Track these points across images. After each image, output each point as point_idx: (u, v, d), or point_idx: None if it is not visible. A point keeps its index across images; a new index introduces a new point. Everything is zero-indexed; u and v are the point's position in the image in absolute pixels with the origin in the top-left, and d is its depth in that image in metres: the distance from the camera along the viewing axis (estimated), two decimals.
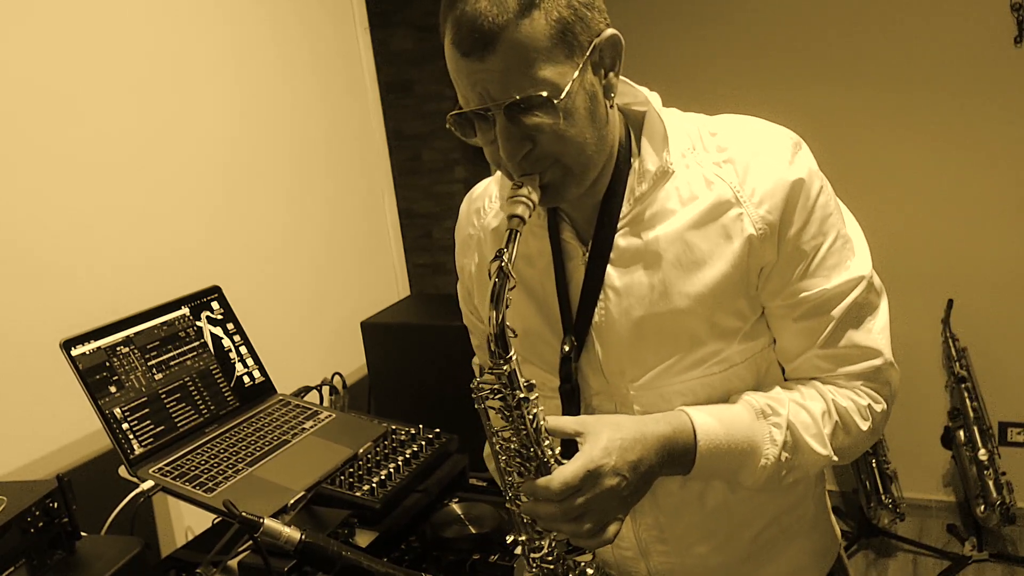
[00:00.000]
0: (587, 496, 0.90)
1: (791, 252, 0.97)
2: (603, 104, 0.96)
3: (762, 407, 1.00)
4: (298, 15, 2.10)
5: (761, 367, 1.05)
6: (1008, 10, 2.76)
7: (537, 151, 0.93)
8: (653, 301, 1.00)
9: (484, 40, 0.87)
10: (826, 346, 1.01)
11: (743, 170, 0.97)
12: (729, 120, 1.03)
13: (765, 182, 0.96)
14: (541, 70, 0.88)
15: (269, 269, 1.97)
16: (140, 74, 1.66)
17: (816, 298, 0.99)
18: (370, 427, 1.42)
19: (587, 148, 0.95)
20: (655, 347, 1.02)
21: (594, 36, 0.91)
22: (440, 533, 1.38)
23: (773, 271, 0.99)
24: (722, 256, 0.98)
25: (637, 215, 1.01)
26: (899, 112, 2.93)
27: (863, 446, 1.06)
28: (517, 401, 0.93)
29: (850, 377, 1.03)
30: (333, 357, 2.00)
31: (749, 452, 0.99)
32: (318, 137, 2.16)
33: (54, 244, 1.49)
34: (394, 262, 2.45)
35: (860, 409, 1.03)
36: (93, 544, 1.06)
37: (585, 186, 0.99)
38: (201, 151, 1.79)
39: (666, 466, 0.97)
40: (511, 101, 0.89)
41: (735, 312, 1.00)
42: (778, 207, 0.96)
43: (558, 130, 0.91)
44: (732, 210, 0.97)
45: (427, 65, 3.90)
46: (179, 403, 1.34)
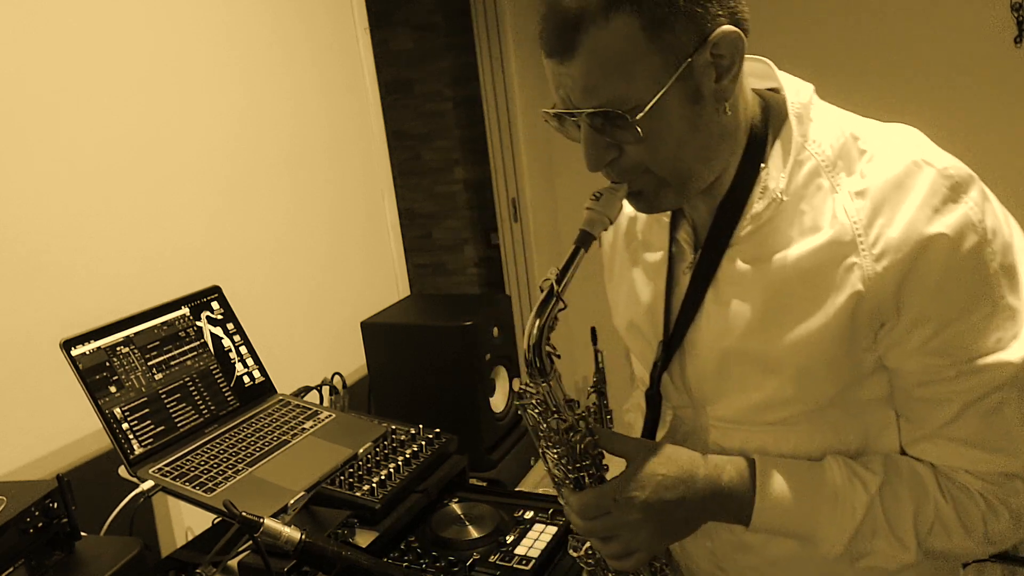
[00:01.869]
0: (613, 522, 0.88)
1: (920, 315, 0.82)
2: (713, 110, 0.84)
3: (846, 478, 0.88)
4: (298, 15, 2.10)
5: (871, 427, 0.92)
6: (1008, 10, 2.76)
7: (623, 161, 0.85)
8: (743, 335, 0.90)
9: (566, 42, 0.79)
10: (946, 430, 0.86)
11: (874, 210, 0.82)
12: (889, 137, 0.87)
13: (894, 231, 0.81)
14: (625, 79, 0.79)
15: (269, 269, 1.97)
16: (140, 74, 1.66)
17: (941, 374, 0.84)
18: (370, 427, 1.42)
19: (684, 160, 0.85)
20: (738, 382, 0.93)
21: (705, 34, 0.79)
22: (440, 533, 1.38)
23: (896, 330, 0.84)
24: (823, 307, 0.85)
25: (753, 235, 0.89)
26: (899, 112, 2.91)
27: (970, 555, 0.90)
28: (555, 423, 0.89)
29: (974, 478, 0.87)
30: (333, 357, 2.00)
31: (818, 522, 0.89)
32: (318, 137, 2.16)
33: (54, 244, 1.49)
34: (394, 262, 2.45)
35: (970, 518, 0.87)
36: (93, 544, 1.06)
37: (688, 197, 0.90)
38: (201, 151, 1.79)
39: (717, 515, 0.90)
40: (589, 111, 0.81)
41: (828, 364, 0.87)
42: (901, 266, 0.80)
43: (644, 143, 0.82)
44: (848, 258, 0.83)
45: (427, 65, 3.90)
46: (179, 403, 1.34)
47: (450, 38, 3.81)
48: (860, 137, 0.87)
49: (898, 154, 0.84)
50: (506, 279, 3.72)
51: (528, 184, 3.56)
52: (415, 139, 4.03)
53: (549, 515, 1.41)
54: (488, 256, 4.05)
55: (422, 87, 3.94)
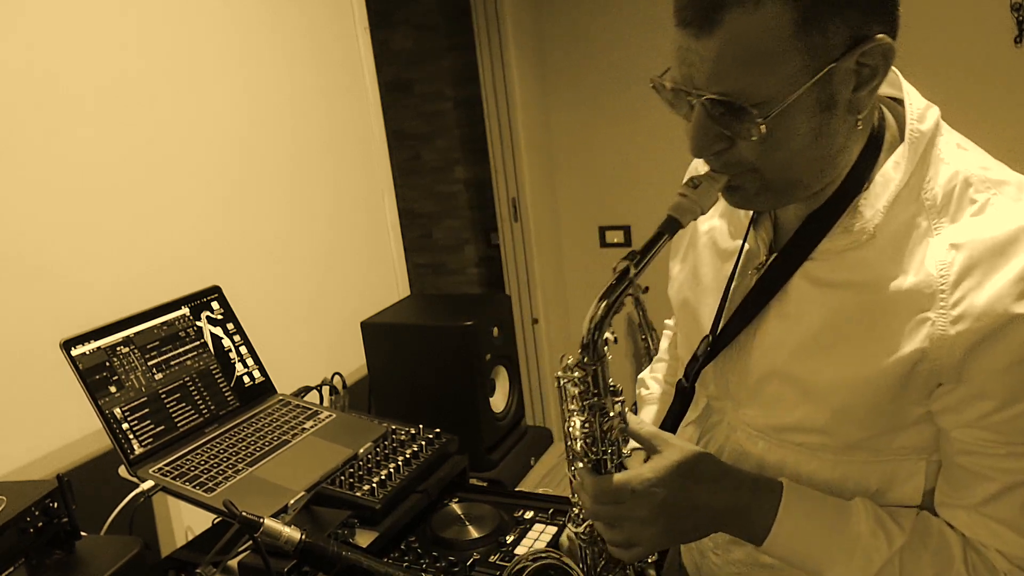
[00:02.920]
0: (624, 512, 0.86)
1: (979, 388, 0.78)
2: (843, 121, 0.79)
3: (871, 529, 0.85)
4: (298, 15, 2.10)
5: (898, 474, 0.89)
6: (1008, 10, 2.76)
7: (731, 155, 0.80)
8: (792, 358, 0.88)
9: (704, 17, 0.73)
10: (984, 506, 0.83)
11: (965, 268, 0.77)
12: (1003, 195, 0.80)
13: (979, 298, 0.76)
14: (760, 72, 0.73)
15: (269, 269, 1.97)
16: (139, 74, 1.66)
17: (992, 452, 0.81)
18: (370, 427, 1.42)
19: (795, 168, 0.80)
20: (774, 399, 0.91)
21: (856, 40, 0.74)
22: (440, 533, 1.38)
23: (952, 394, 0.81)
24: (881, 355, 0.81)
25: (832, 256, 0.85)
26: None
27: None
28: (595, 404, 0.88)
29: (1003, 557, 0.84)
30: (333, 357, 2.00)
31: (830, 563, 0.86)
32: (318, 137, 2.16)
33: (54, 244, 1.49)
34: (394, 262, 2.45)
35: None
36: (93, 544, 1.06)
37: (784, 204, 0.86)
38: (201, 151, 1.79)
39: (731, 526, 0.89)
40: (711, 97, 0.75)
41: (870, 408, 0.84)
42: (976, 335, 0.76)
43: (761, 142, 0.77)
44: (924, 311, 0.78)
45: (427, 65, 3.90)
46: (179, 403, 1.34)
47: (450, 38, 3.81)
48: (974, 184, 0.81)
49: (1009, 214, 0.78)
50: (506, 279, 3.72)
51: (528, 184, 3.56)
52: (415, 139, 4.03)
53: (549, 515, 1.41)
54: (488, 256, 4.05)
55: (422, 87, 3.94)
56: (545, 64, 3.60)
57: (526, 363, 3.67)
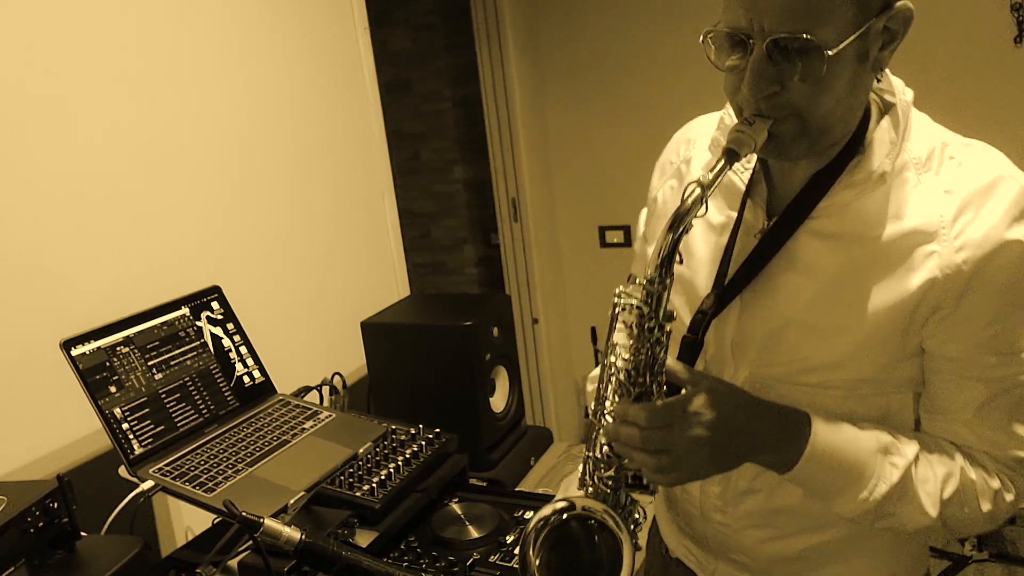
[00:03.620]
0: (673, 435, 0.89)
1: (978, 311, 0.90)
2: (869, 78, 0.91)
3: (887, 443, 0.95)
4: (298, 15, 2.10)
5: (892, 406, 1.00)
6: (1008, 10, 2.77)
7: (783, 97, 0.88)
8: (809, 307, 0.96)
9: None
10: (977, 418, 0.95)
11: (960, 208, 0.90)
12: (977, 149, 0.95)
13: (976, 229, 0.88)
14: (823, 17, 0.83)
15: (269, 269, 1.97)
16: (140, 75, 1.66)
17: (981, 365, 0.92)
18: (370, 427, 1.42)
19: (833, 114, 0.90)
20: (789, 347, 0.99)
21: (889, 3, 0.86)
22: (440, 533, 1.38)
23: (950, 320, 0.91)
24: (895, 288, 0.92)
25: (835, 212, 0.95)
26: None
27: (976, 527, 0.98)
28: (653, 325, 0.91)
29: (991, 459, 0.96)
30: (333, 357, 2.00)
31: (856, 480, 0.95)
32: (318, 137, 2.16)
33: (54, 244, 1.49)
34: (394, 262, 2.45)
35: (989, 490, 0.95)
36: (93, 544, 1.06)
37: (811, 152, 0.94)
38: (201, 151, 1.79)
39: (765, 453, 0.95)
40: (780, 36, 0.84)
41: (881, 345, 0.95)
42: (977, 261, 0.88)
43: (813, 84, 0.86)
44: (927, 245, 0.90)
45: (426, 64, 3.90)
46: (179, 403, 1.34)
47: (449, 38, 3.82)
48: (949, 145, 0.94)
49: (986, 165, 0.92)
50: (506, 279, 3.72)
51: (528, 184, 3.56)
52: (414, 139, 4.03)
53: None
54: (488, 256, 4.05)
55: (421, 87, 3.94)
56: (545, 64, 3.60)
57: (526, 363, 3.67)
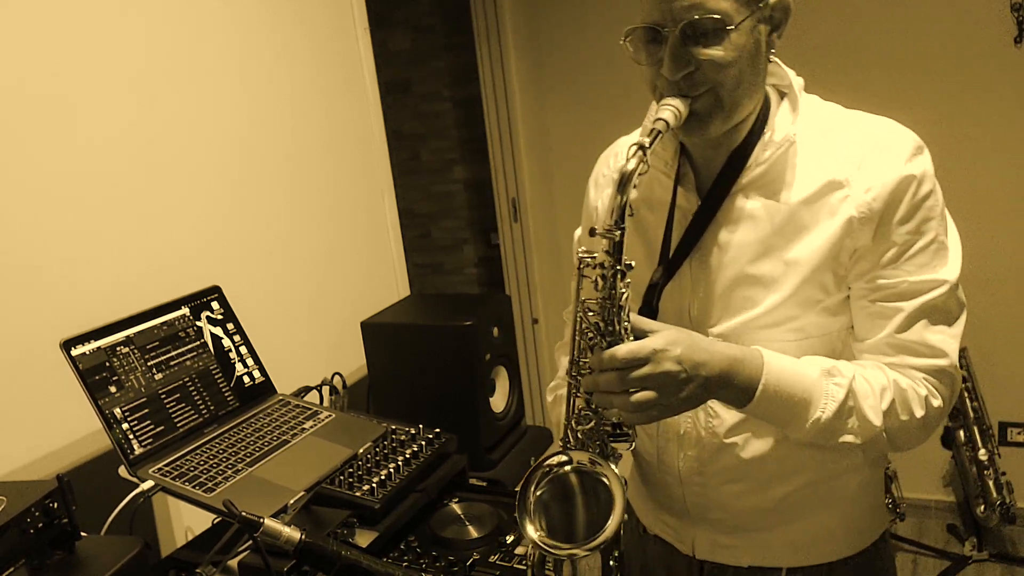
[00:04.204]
0: (647, 371, 0.97)
1: (885, 239, 1.05)
2: (764, 56, 1.06)
3: (828, 367, 1.06)
4: (298, 15, 2.10)
5: (836, 347, 1.12)
6: (1008, 10, 2.77)
7: (698, 75, 1.02)
8: (749, 261, 1.10)
9: None
10: (897, 333, 1.07)
11: (861, 159, 1.06)
12: (862, 115, 1.12)
13: (878, 171, 1.04)
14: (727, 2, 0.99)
15: (269, 269, 1.97)
16: (139, 75, 1.66)
17: (897, 286, 1.06)
18: (370, 427, 1.42)
19: (742, 86, 1.04)
20: (740, 301, 1.11)
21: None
22: (440, 533, 1.38)
23: (865, 253, 1.06)
24: (821, 232, 1.07)
25: (756, 179, 1.10)
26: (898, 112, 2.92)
27: (915, 436, 1.10)
28: (615, 272, 1.00)
29: (915, 370, 1.08)
30: (333, 357, 2.00)
31: (807, 403, 1.04)
32: (318, 137, 2.16)
33: (54, 244, 1.49)
34: (394, 262, 2.45)
35: (919, 396, 1.07)
36: (93, 544, 1.06)
37: (728, 125, 1.08)
38: (201, 151, 1.79)
39: (726, 387, 1.03)
40: (690, 20, 0.99)
41: (819, 285, 1.08)
42: (883, 196, 1.04)
43: (721, 59, 1.01)
44: (841, 191, 1.06)
45: (426, 65, 3.90)
46: (179, 403, 1.34)
47: (449, 38, 3.81)
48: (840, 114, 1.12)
49: (874, 123, 1.10)
50: (506, 279, 3.72)
51: (528, 184, 3.56)
52: (414, 139, 4.03)
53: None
54: (488, 256, 4.05)
55: (421, 87, 3.94)
56: (544, 64, 3.60)
57: (526, 363, 3.67)
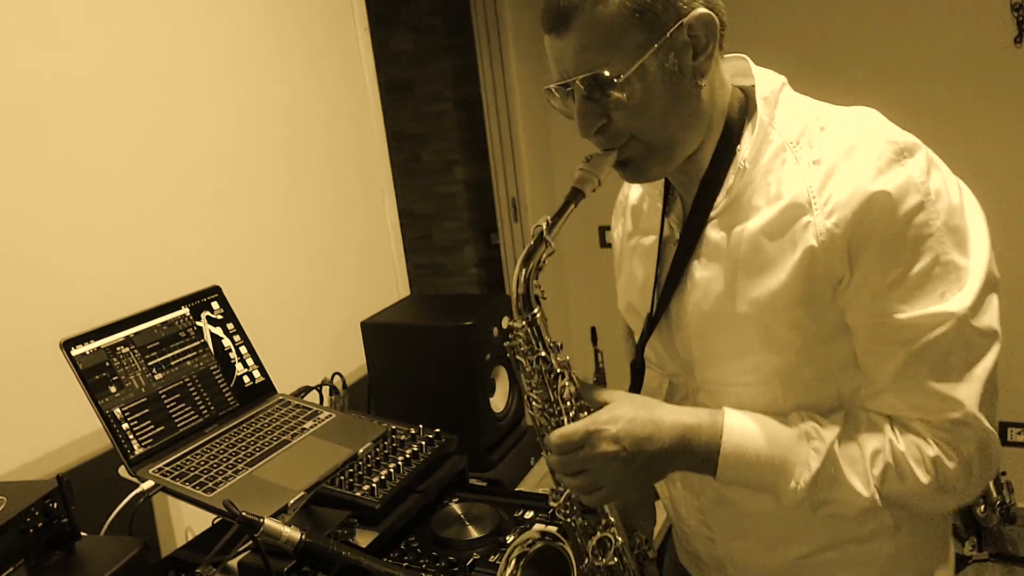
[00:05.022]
0: (584, 454, 0.93)
1: (867, 268, 0.90)
2: (692, 85, 0.94)
3: (807, 429, 0.94)
4: (298, 16, 2.10)
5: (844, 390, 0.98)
6: (1008, 10, 2.77)
7: (611, 128, 0.95)
8: (718, 298, 0.99)
9: (561, 18, 0.91)
10: (897, 382, 0.92)
11: (826, 174, 0.91)
12: (846, 115, 0.96)
13: (842, 190, 0.89)
14: (611, 49, 0.90)
15: (269, 269, 1.97)
16: (139, 75, 1.66)
17: (890, 324, 0.90)
18: (370, 427, 1.42)
19: (668, 128, 0.95)
20: (717, 345, 1.02)
21: (681, 15, 0.91)
22: (440, 533, 1.38)
23: (850, 286, 0.91)
24: (783, 266, 0.93)
25: (728, 207, 0.99)
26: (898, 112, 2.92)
27: (926, 501, 0.94)
28: (538, 359, 0.96)
29: (926, 426, 0.92)
30: (333, 357, 2.00)
31: (780, 470, 0.94)
32: (318, 138, 2.16)
33: (54, 244, 1.49)
34: (394, 262, 2.45)
35: (923, 459, 0.91)
36: (93, 544, 1.06)
37: (671, 166, 0.99)
38: (201, 152, 1.79)
39: (682, 457, 0.96)
40: (580, 77, 0.92)
41: (791, 323, 0.95)
42: (848, 220, 0.88)
43: (630, 109, 0.92)
44: (803, 217, 0.92)
45: (426, 66, 3.90)
46: (179, 403, 1.34)
47: (450, 39, 3.82)
48: (820, 116, 0.96)
49: (851, 127, 0.94)
50: (506, 279, 3.72)
51: (528, 184, 3.56)
52: (415, 140, 4.03)
53: (549, 515, 1.41)
54: (488, 256, 4.05)
55: (421, 88, 3.94)
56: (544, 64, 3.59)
57: None
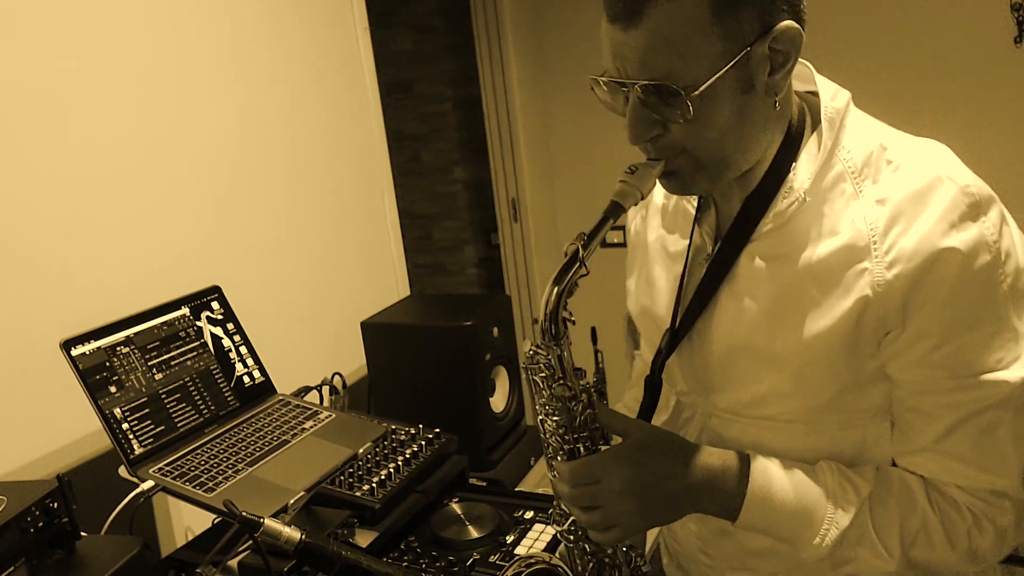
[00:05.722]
0: (596, 491, 0.88)
1: (924, 327, 0.84)
2: (762, 103, 0.85)
3: (839, 482, 0.90)
4: (298, 15, 2.10)
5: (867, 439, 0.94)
6: (1008, 10, 2.77)
7: (666, 139, 0.87)
8: (752, 332, 0.93)
9: (631, 11, 0.80)
10: (938, 444, 0.87)
11: (892, 218, 0.84)
12: (916, 150, 0.88)
13: (908, 240, 0.82)
14: (685, 57, 0.79)
15: (269, 269, 1.97)
16: (139, 75, 1.66)
17: (940, 385, 0.85)
18: (370, 427, 1.42)
19: (726, 147, 0.86)
20: (741, 375, 0.95)
21: (767, 25, 0.81)
22: (440, 533, 1.38)
23: (901, 340, 0.86)
24: (830, 311, 0.86)
25: (773, 232, 0.91)
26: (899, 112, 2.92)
27: (952, 568, 0.92)
28: (561, 387, 0.90)
29: (963, 493, 0.89)
30: (333, 357, 2.00)
31: (806, 524, 0.89)
32: (318, 137, 2.16)
33: (54, 244, 1.49)
34: (394, 262, 2.45)
35: (956, 529, 0.88)
36: (93, 544, 1.06)
37: (720, 184, 0.92)
38: (201, 152, 1.79)
39: (703, 502, 0.91)
40: (644, 83, 0.81)
41: (828, 369, 0.89)
42: (910, 274, 0.82)
43: (691, 123, 0.83)
44: (860, 263, 0.85)
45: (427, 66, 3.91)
46: (179, 403, 1.34)
47: (450, 39, 3.82)
48: (888, 148, 0.88)
49: (924, 167, 0.85)
50: (506, 279, 3.72)
51: (528, 184, 3.56)
52: (415, 140, 4.03)
53: (549, 515, 1.41)
54: (488, 256, 4.05)
55: (422, 88, 3.95)
56: (544, 65, 3.60)
57: None
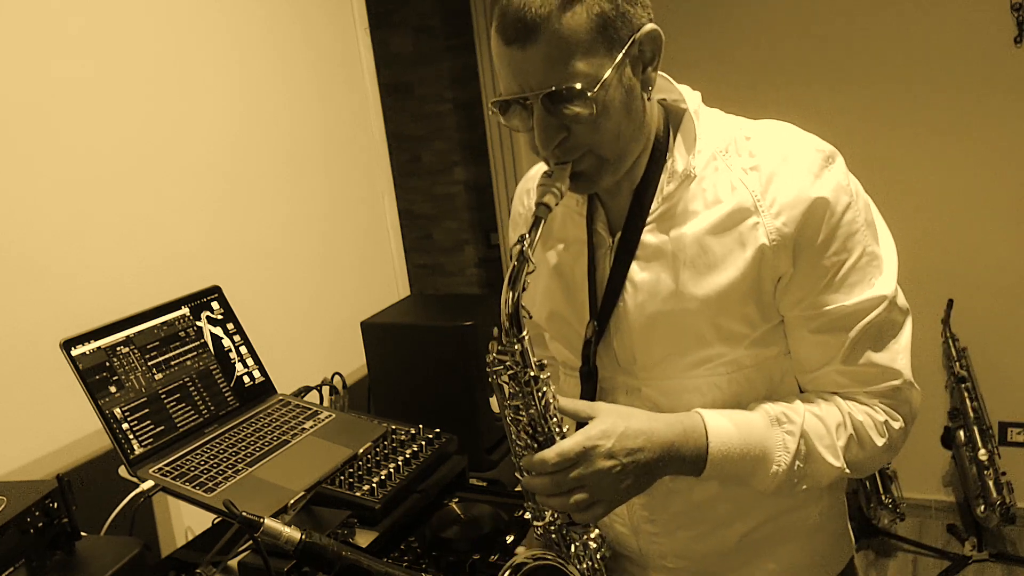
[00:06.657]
0: (580, 471, 0.93)
1: (810, 266, 0.98)
2: (640, 98, 0.98)
3: (777, 415, 1.01)
4: (298, 16, 2.10)
5: (774, 375, 1.07)
6: (1008, 10, 2.77)
7: (571, 141, 0.96)
8: (665, 299, 1.03)
9: (526, 30, 0.90)
10: (844, 363, 1.02)
11: (767, 179, 0.98)
12: (766, 126, 1.04)
13: (786, 194, 0.97)
14: (579, 62, 0.91)
15: (269, 269, 1.97)
16: (139, 76, 1.66)
17: (834, 313, 1.00)
18: (370, 427, 1.42)
19: (621, 139, 0.98)
20: (663, 342, 1.05)
21: (634, 30, 0.94)
22: (440, 533, 1.38)
23: (791, 282, 1.00)
24: (733, 263, 0.99)
25: (664, 212, 1.03)
26: (899, 112, 2.93)
27: (878, 462, 1.07)
28: (528, 379, 0.96)
29: (870, 395, 1.04)
30: (333, 357, 2.00)
31: (761, 458, 1.00)
32: (318, 138, 2.16)
33: (54, 244, 1.49)
34: (394, 262, 2.45)
35: (876, 425, 1.03)
36: (93, 544, 1.06)
37: (619, 175, 1.02)
38: (201, 152, 1.79)
39: (672, 465, 0.99)
40: (547, 91, 0.92)
41: (742, 317, 1.02)
42: (795, 221, 0.97)
43: (592, 121, 0.93)
44: (750, 218, 0.98)
45: (426, 67, 3.90)
46: (179, 403, 1.34)
47: (449, 40, 3.82)
48: (743, 128, 1.03)
49: (778, 136, 1.02)
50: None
51: None
52: (415, 141, 4.03)
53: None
54: (488, 256, 4.05)
55: (421, 89, 3.94)
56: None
57: None
